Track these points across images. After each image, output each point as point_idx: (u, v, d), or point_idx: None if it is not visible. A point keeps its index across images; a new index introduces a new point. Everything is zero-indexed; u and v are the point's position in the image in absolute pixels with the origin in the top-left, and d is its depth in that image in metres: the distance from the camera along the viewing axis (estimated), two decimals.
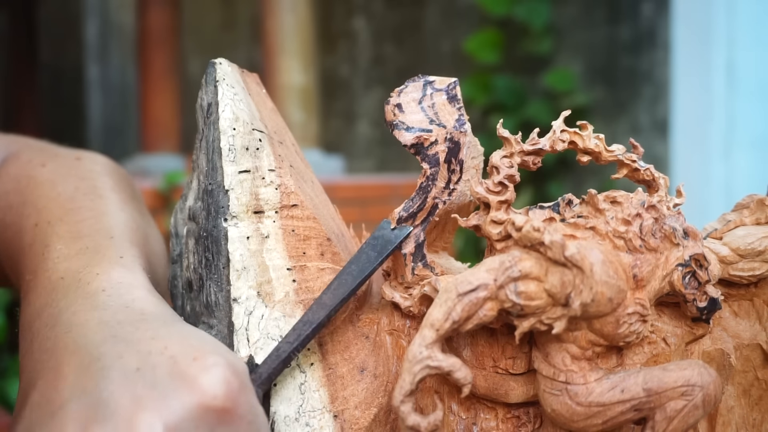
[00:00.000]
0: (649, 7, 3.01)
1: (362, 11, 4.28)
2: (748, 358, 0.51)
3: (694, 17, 2.83)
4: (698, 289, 0.46)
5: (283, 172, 0.51)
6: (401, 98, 0.49)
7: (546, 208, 0.48)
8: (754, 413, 0.52)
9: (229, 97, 0.51)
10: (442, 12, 3.90)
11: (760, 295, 0.52)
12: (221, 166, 0.50)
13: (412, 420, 0.42)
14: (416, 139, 0.49)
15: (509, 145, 0.48)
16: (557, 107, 3.07)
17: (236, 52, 4.88)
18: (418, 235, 0.49)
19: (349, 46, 4.33)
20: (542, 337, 0.46)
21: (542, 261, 0.43)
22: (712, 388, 0.44)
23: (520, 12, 3.21)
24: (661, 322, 0.49)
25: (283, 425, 0.46)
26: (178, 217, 0.58)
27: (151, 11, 3.50)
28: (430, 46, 3.95)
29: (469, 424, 0.49)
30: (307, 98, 3.23)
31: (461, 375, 0.43)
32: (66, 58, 6.10)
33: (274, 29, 3.15)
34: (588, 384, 0.44)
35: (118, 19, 5.84)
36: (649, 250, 0.45)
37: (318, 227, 0.50)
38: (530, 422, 0.49)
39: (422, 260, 0.49)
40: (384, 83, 4.13)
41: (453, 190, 0.49)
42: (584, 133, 0.49)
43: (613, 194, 0.47)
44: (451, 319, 0.43)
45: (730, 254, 0.50)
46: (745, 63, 2.78)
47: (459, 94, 0.50)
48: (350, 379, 0.48)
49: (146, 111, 3.54)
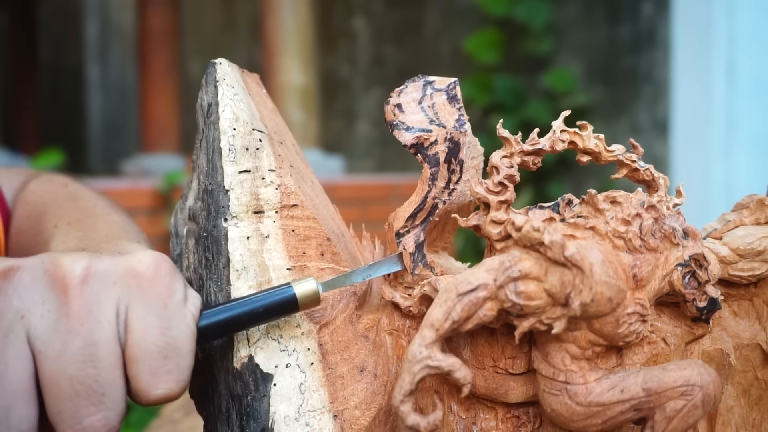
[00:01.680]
0: (649, 7, 3.01)
1: (362, 11, 4.28)
2: (748, 358, 0.51)
3: (694, 17, 2.83)
4: (698, 289, 0.46)
5: (283, 172, 0.51)
6: (401, 98, 0.50)
7: (546, 208, 0.48)
8: (754, 413, 0.52)
9: (230, 97, 0.51)
10: (442, 12, 3.90)
11: (760, 295, 0.52)
12: (221, 166, 0.50)
13: (411, 420, 0.42)
14: (416, 139, 0.49)
15: (509, 145, 0.48)
16: (557, 107, 3.07)
17: (236, 52, 4.88)
18: (418, 235, 0.49)
19: (349, 46, 4.33)
20: (542, 337, 0.46)
21: (542, 261, 0.43)
22: (712, 387, 0.44)
23: (520, 12, 3.21)
24: (660, 322, 0.49)
25: (283, 425, 0.46)
26: (178, 217, 0.58)
27: (151, 11, 3.50)
28: (430, 46, 3.95)
29: (468, 424, 0.49)
30: (307, 98, 3.23)
31: (461, 375, 0.43)
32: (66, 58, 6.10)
33: (274, 29, 3.15)
34: (588, 384, 0.44)
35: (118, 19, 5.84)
36: (648, 250, 0.45)
37: (318, 227, 0.50)
38: (530, 422, 0.49)
39: (422, 260, 0.49)
40: (384, 83, 4.13)
41: (453, 190, 0.49)
42: (584, 133, 0.49)
43: (613, 194, 0.47)
44: (451, 319, 0.43)
45: (729, 254, 0.50)
46: (745, 63, 2.78)
47: (459, 94, 0.50)
48: (350, 379, 0.48)
49: (146, 111, 3.54)
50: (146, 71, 3.52)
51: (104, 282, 0.43)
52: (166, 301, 0.43)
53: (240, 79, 0.54)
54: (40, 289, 0.42)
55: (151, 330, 0.43)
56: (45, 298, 0.41)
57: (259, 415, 0.47)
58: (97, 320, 0.42)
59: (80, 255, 0.43)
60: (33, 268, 0.42)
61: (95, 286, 0.42)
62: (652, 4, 3.00)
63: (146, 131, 3.56)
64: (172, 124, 3.54)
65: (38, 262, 0.42)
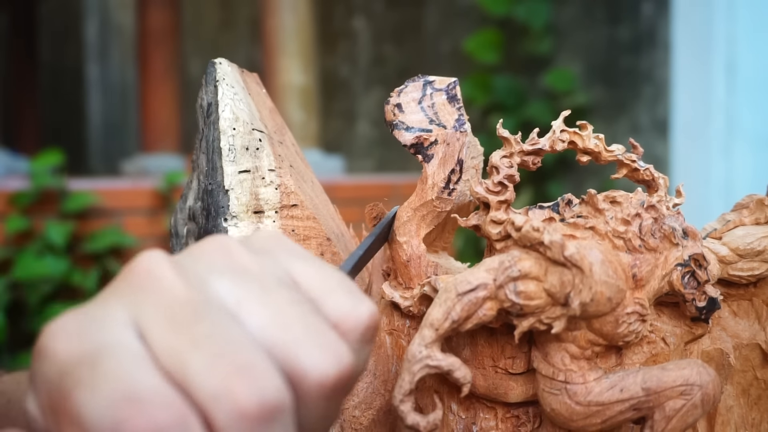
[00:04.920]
0: (649, 7, 3.01)
1: (362, 11, 4.28)
2: (747, 358, 0.51)
3: (694, 17, 2.83)
4: (697, 288, 0.46)
5: (283, 172, 0.51)
6: (401, 98, 0.50)
7: (546, 208, 0.48)
8: (753, 413, 0.52)
9: (229, 97, 0.51)
10: (441, 12, 3.90)
11: (760, 295, 0.52)
12: (221, 166, 0.50)
13: (411, 419, 0.42)
14: (416, 139, 0.49)
15: (509, 145, 0.48)
16: (557, 107, 3.07)
17: (236, 52, 4.88)
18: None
19: (349, 46, 4.32)
20: (541, 336, 0.46)
21: (542, 261, 0.43)
22: (711, 387, 0.44)
23: (520, 12, 3.21)
24: (660, 321, 0.49)
25: None
26: (178, 217, 0.58)
27: (151, 11, 3.50)
28: (429, 46, 3.95)
29: (468, 424, 0.49)
30: (307, 98, 3.23)
31: (460, 374, 0.43)
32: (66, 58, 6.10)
33: (274, 29, 3.15)
34: (587, 383, 0.44)
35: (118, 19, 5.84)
36: (648, 250, 0.45)
37: (318, 227, 0.50)
38: (529, 422, 0.49)
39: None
40: (384, 83, 4.13)
41: (453, 190, 0.49)
42: (584, 133, 0.49)
43: (613, 194, 0.47)
44: (451, 319, 0.43)
45: (729, 254, 0.50)
46: (745, 63, 2.78)
47: (459, 94, 0.50)
48: None
49: (146, 111, 3.54)
50: (146, 71, 3.52)
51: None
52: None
53: (240, 79, 0.54)
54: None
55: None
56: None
57: None
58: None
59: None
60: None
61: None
62: (652, 4, 3.00)
63: (146, 131, 3.56)
64: (172, 124, 3.54)
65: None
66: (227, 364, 0.29)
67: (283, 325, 0.31)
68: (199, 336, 0.30)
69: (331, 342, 0.31)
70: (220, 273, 0.32)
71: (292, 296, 0.33)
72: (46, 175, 2.61)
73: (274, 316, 0.31)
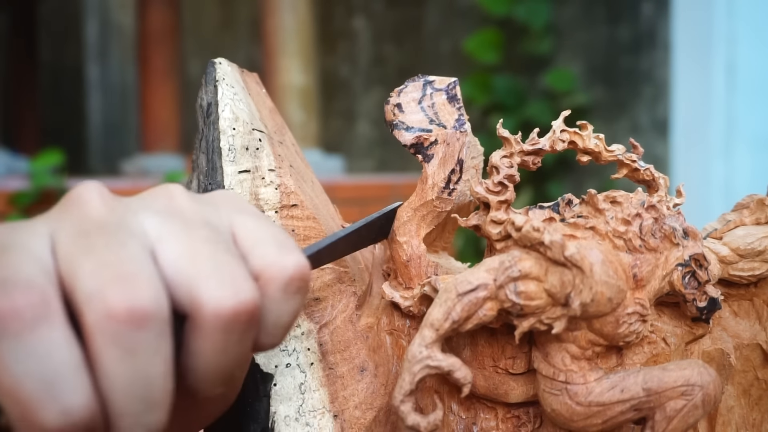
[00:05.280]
0: (649, 7, 3.01)
1: (362, 11, 4.28)
2: (748, 358, 0.51)
3: (694, 17, 2.84)
4: (698, 288, 0.46)
5: (283, 172, 0.51)
6: (401, 98, 0.49)
7: (546, 208, 0.48)
8: (754, 413, 0.52)
9: (229, 96, 0.51)
10: (442, 12, 3.90)
11: (760, 295, 0.52)
12: (221, 166, 0.50)
13: (411, 419, 0.42)
14: (416, 139, 0.49)
15: (509, 145, 0.48)
16: (557, 107, 3.07)
17: (236, 52, 4.89)
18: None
19: (349, 46, 4.33)
20: (542, 336, 0.46)
21: (542, 261, 0.43)
22: (712, 387, 0.44)
23: (520, 12, 3.21)
24: (660, 321, 0.49)
25: (283, 425, 0.46)
26: None
27: (151, 11, 3.50)
28: (430, 46, 3.95)
29: (468, 424, 0.49)
30: (307, 98, 3.23)
31: (461, 375, 0.43)
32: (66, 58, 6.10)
33: (274, 29, 3.15)
34: (588, 384, 0.44)
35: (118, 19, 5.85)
36: (648, 250, 0.45)
37: (318, 227, 0.50)
38: (530, 422, 0.49)
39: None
40: (384, 83, 4.13)
41: (453, 190, 0.49)
42: (584, 133, 0.49)
43: (613, 194, 0.46)
44: (451, 319, 0.43)
45: (729, 254, 0.50)
46: (745, 63, 2.78)
47: (459, 93, 0.50)
48: (350, 379, 0.48)
49: (146, 111, 3.54)
50: (146, 71, 3.52)
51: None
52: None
53: (239, 79, 0.54)
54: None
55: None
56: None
57: (259, 416, 0.46)
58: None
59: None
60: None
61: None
62: (652, 4, 3.00)
63: (146, 131, 3.57)
64: (172, 124, 3.55)
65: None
66: (111, 271, 0.31)
67: (192, 258, 0.33)
68: (97, 246, 0.32)
69: (235, 278, 0.33)
70: (154, 211, 0.35)
71: (210, 236, 0.35)
72: (46, 175, 2.61)
73: (187, 250, 0.33)
